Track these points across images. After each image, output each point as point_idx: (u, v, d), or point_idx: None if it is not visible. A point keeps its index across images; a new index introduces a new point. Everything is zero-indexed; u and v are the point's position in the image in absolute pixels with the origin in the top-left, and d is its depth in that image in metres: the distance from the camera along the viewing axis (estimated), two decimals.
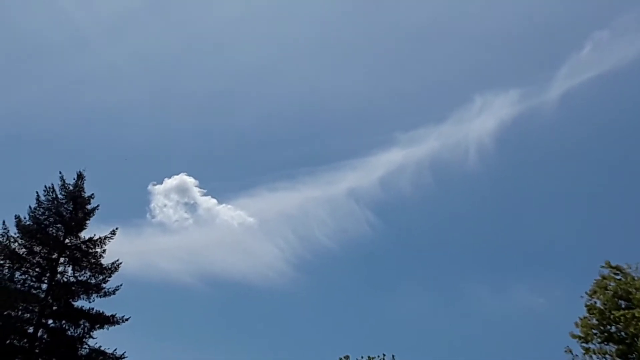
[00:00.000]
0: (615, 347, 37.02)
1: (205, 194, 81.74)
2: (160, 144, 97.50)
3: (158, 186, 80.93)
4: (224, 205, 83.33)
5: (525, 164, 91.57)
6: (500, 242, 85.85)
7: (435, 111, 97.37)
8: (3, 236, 42.05)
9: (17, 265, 41.38)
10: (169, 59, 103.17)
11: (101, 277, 42.99)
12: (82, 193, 44.31)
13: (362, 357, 41.44)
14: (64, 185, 44.32)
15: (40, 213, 43.39)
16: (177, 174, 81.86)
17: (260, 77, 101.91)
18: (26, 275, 41.55)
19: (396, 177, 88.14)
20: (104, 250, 43.58)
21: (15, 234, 42.38)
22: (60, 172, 44.60)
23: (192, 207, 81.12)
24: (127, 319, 42.66)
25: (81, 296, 42.18)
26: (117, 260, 43.68)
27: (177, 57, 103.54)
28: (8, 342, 39.20)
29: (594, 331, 38.16)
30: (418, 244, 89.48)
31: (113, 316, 42.17)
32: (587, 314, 38.79)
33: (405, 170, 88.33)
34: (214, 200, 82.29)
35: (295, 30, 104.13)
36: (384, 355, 41.22)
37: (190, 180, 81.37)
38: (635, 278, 38.08)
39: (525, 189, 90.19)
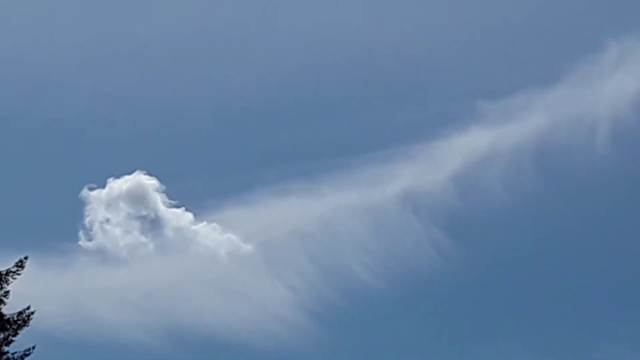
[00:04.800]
0: None
1: (174, 205, 61.60)
2: (101, 121, 71.05)
3: (97, 191, 60.92)
4: (204, 223, 62.47)
5: None
6: None
7: (543, 66, 68.78)
8: None
9: None
10: None
11: (1, 336, 33.86)
12: None
13: None
14: None
15: None
16: (130, 173, 61.52)
17: (261, 17, 74.63)
18: None
19: (480, 172, 64.16)
20: (7, 293, 34.56)
21: None
22: None
23: (152, 224, 60.93)
24: None
25: None
26: (28, 309, 34.78)
27: None
28: None
29: None
30: (517, 280, 63.82)
31: None
32: None
33: (495, 161, 64.15)
34: (189, 215, 61.94)
35: None
36: None
37: (150, 183, 61.33)
38: None
39: None
